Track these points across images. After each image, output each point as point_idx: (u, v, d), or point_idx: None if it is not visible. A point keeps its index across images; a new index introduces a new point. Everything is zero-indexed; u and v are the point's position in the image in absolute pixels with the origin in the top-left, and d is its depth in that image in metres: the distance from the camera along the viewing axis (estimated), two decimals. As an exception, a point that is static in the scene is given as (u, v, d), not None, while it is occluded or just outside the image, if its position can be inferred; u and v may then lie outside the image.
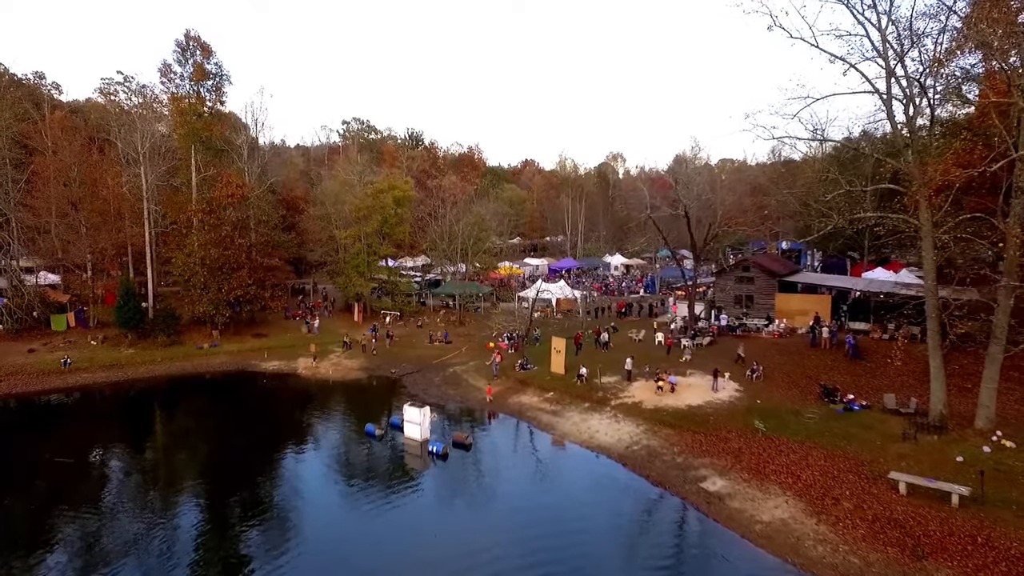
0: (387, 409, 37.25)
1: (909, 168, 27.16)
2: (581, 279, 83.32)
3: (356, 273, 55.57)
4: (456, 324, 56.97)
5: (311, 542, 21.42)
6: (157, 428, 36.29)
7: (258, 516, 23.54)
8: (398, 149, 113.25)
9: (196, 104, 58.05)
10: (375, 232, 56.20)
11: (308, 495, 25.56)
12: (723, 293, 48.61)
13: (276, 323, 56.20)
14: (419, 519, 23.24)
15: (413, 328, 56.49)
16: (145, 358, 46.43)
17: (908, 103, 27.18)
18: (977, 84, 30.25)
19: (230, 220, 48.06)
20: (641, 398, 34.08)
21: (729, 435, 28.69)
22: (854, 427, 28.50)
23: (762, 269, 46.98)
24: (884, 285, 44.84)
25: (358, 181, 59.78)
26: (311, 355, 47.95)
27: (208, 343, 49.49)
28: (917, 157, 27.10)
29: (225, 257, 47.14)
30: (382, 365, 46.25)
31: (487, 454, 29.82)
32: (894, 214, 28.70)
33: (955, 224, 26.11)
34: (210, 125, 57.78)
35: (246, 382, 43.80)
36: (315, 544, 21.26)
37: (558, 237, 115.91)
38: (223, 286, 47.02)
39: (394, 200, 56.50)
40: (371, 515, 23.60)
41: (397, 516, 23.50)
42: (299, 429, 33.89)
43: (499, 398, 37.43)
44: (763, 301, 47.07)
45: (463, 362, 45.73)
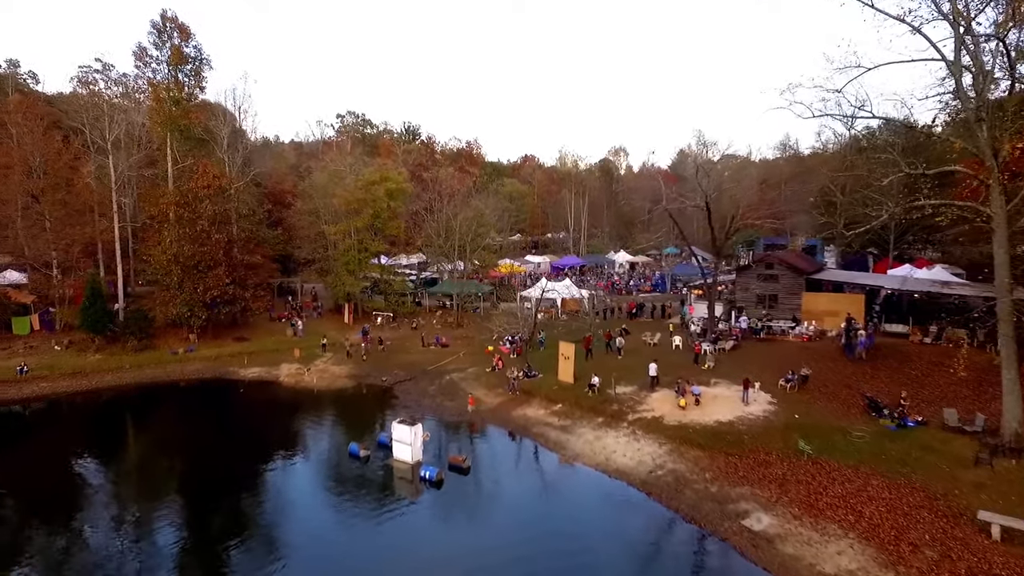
0: (375, 424, 33.31)
1: (980, 148, 23.18)
2: (586, 277, 79.33)
3: (346, 272, 51.57)
4: (454, 326, 53.02)
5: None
6: (111, 445, 32.08)
7: (199, 563, 19.60)
8: (394, 143, 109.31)
9: (174, 90, 53.84)
10: (366, 227, 52.16)
11: (271, 534, 21.59)
12: (744, 292, 44.63)
13: (260, 325, 52.17)
14: (405, 564, 19.29)
15: (407, 330, 52.48)
16: (112, 364, 42.40)
17: (979, 73, 23.22)
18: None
19: (207, 214, 43.95)
20: (662, 412, 30.13)
21: (769, 458, 24.76)
22: (914, 448, 24.57)
23: (787, 266, 43.04)
24: (921, 283, 40.93)
25: (349, 172, 55.65)
26: (295, 361, 44.04)
27: (184, 348, 45.45)
28: (990, 135, 23.13)
29: (201, 254, 43.11)
30: (372, 372, 42.28)
31: (487, 480, 25.88)
32: (961, 202, 24.72)
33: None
34: (188, 112, 53.57)
35: (221, 392, 39.76)
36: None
37: (560, 233, 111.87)
38: (198, 286, 42.98)
39: (387, 193, 52.51)
40: (347, 559, 19.66)
41: (379, 559, 19.56)
42: (272, 448, 29.84)
43: (501, 411, 33.51)
44: (788, 301, 43.11)
45: (461, 368, 41.76)
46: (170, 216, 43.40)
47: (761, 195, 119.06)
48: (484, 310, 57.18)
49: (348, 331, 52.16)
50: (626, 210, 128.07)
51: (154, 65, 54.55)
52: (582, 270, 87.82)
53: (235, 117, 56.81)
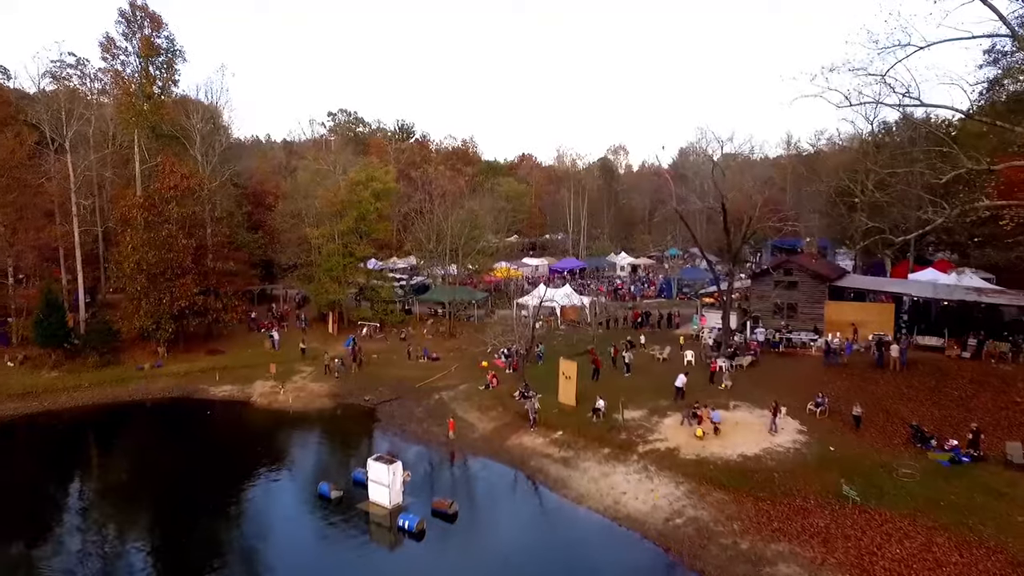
0: (352, 454, 29.64)
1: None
2: (586, 281, 75.65)
3: (329, 278, 47.83)
4: (445, 336, 49.34)
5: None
6: (44, 479, 28.25)
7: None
8: (386, 141, 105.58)
9: (144, 83, 50.09)
10: (351, 231, 48.44)
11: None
12: (760, 301, 40.99)
13: (237, 336, 48.42)
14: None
15: (396, 341, 48.74)
16: (69, 383, 38.62)
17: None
18: None
19: (173, 217, 40.18)
20: (676, 442, 26.49)
21: (807, 504, 21.13)
22: (976, 491, 20.97)
23: (808, 272, 39.39)
24: (954, 291, 37.28)
25: (334, 171, 51.91)
26: (270, 377, 40.34)
27: (151, 363, 41.74)
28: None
29: (167, 261, 39.36)
30: (354, 390, 38.57)
31: (477, 530, 22.23)
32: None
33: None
34: (160, 108, 49.91)
35: (187, 414, 36.02)
36: None
37: (559, 234, 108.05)
38: (164, 296, 39.26)
39: (373, 194, 48.79)
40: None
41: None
42: (231, 486, 26.10)
43: (495, 438, 29.86)
44: (809, 310, 39.46)
45: (452, 386, 38.09)
46: (134, 219, 39.61)
47: (768, 194, 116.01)
48: (478, 318, 53.50)
49: (332, 342, 48.54)
50: (627, 211, 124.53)
51: (123, 57, 51.02)
52: (582, 273, 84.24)
53: (212, 112, 53.04)
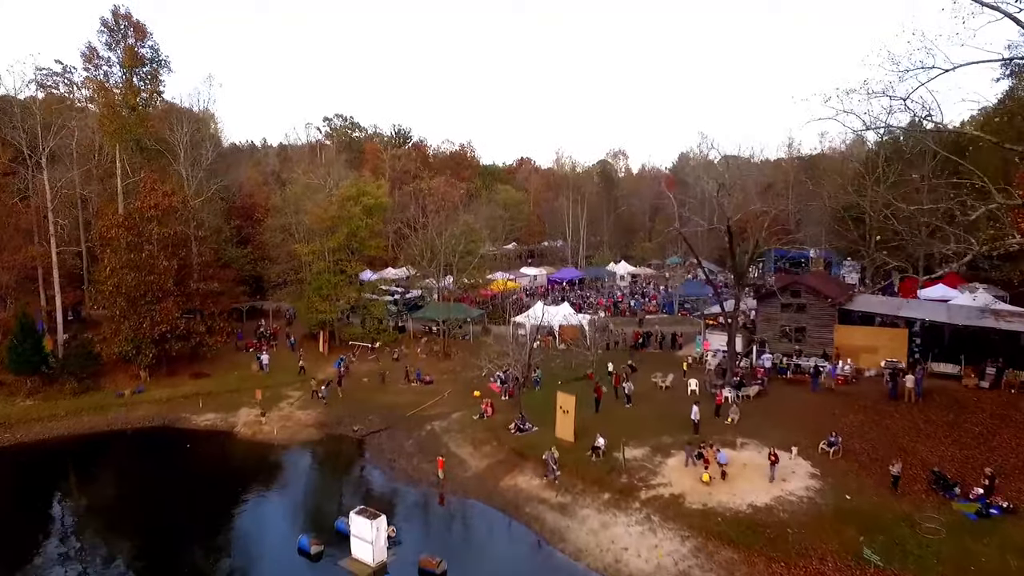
0: (337, 497, 27.98)
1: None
2: (585, 293, 73.94)
3: (319, 296, 46.12)
4: (439, 356, 47.65)
5: None
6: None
7: None
8: (381, 149, 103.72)
9: (127, 95, 48.44)
10: (342, 247, 46.74)
11: None
12: (767, 324, 39.34)
13: (224, 357, 46.56)
14: None
15: (388, 362, 47.00)
16: (45, 412, 36.96)
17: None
18: None
19: (154, 237, 38.47)
20: (681, 487, 24.81)
21: (824, 567, 19.48)
22: (1010, 553, 19.32)
23: (816, 294, 37.74)
24: (970, 315, 35.50)
25: (324, 184, 50.16)
26: (256, 404, 38.64)
27: (132, 388, 40.05)
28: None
29: (147, 283, 37.65)
30: (343, 418, 36.93)
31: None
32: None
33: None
34: (145, 120, 48.27)
35: (165, 446, 34.37)
36: None
37: (557, 242, 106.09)
38: (144, 320, 37.56)
39: (364, 209, 47.08)
40: None
41: None
42: (204, 535, 24.47)
43: (488, 478, 28.19)
44: (818, 334, 37.83)
45: (445, 414, 36.43)
46: (113, 239, 37.91)
47: (769, 201, 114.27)
48: (474, 336, 51.77)
49: (323, 362, 46.86)
50: (626, 216, 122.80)
51: (105, 68, 49.42)
52: (581, 283, 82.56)
53: (199, 123, 51.35)
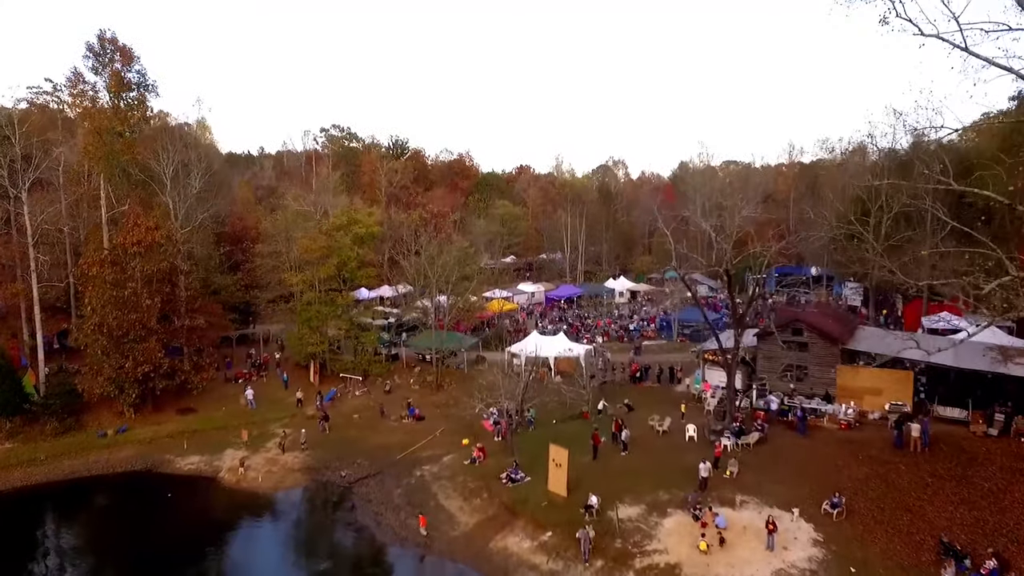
0: (319, 560, 26.88)
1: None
2: (584, 314, 72.75)
3: (308, 328, 45.07)
4: (432, 388, 46.57)
5: None
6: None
7: None
8: (378, 162, 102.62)
9: (114, 120, 47.32)
10: (332, 277, 45.72)
11: None
12: (768, 362, 38.20)
13: (213, 389, 45.41)
14: None
15: (380, 393, 46.07)
16: (24, 456, 35.94)
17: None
18: None
19: (137, 275, 37.43)
20: (678, 556, 23.71)
21: (828, 659, 18.36)
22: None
23: (819, 332, 36.59)
24: (976, 357, 34.20)
25: (315, 211, 49.11)
26: (242, 444, 37.64)
27: (115, 427, 39.01)
28: None
29: (129, 323, 36.65)
30: (331, 461, 35.94)
31: None
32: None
33: None
34: (131, 146, 47.21)
35: (145, 495, 33.32)
36: None
37: (555, 254, 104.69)
38: (126, 360, 36.54)
39: (355, 239, 46.07)
40: None
41: None
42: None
43: (477, 537, 27.12)
44: (820, 374, 36.68)
45: (436, 457, 35.43)
46: (96, 277, 36.88)
47: (769, 213, 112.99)
48: (468, 365, 50.63)
49: (314, 392, 45.75)
50: (626, 226, 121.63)
51: (91, 92, 48.39)
52: (579, 301, 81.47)
53: (186, 149, 50.25)
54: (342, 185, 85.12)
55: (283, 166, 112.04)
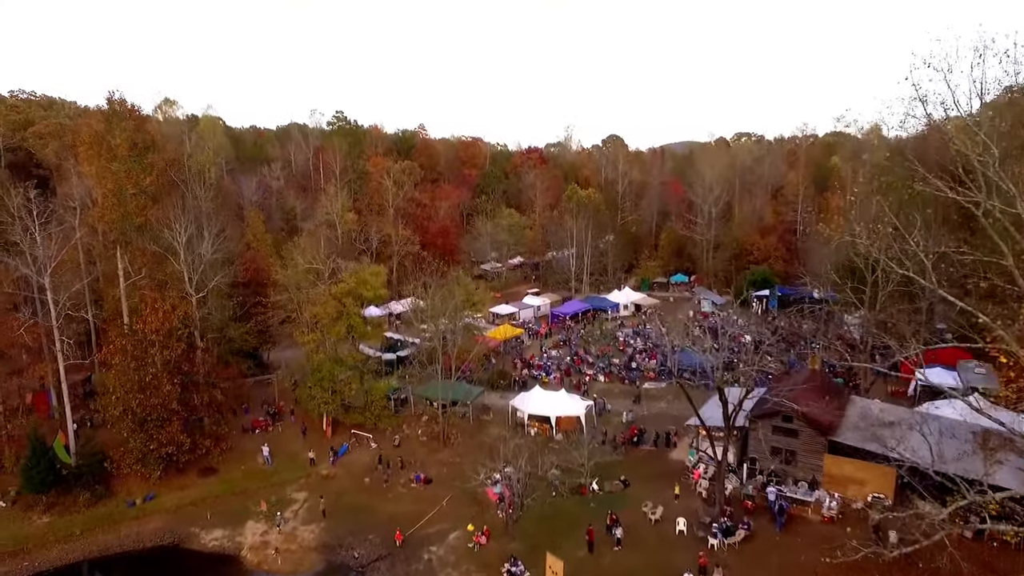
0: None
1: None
2: (588, 339, 74.13)
3: (320, 388, 47.13)
4: (440, 443, 48.78)
5: None
6: None
7: None
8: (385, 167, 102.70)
9: (125, 183, 48.47)
10: (341, 339, 47.51)
11: None
12: (758, 444, 39.93)
13: (231, 443, 47.90)
14: None
15: (389, 447, 48.41)
16: (61, 531, 38.64)
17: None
18: None
19: (157, 360, 39.37)
20: None
21: None
22: None
23: (807, 421, 38.11)
24: (960, 442, 35.65)
25: (324, 268, 50.47)
26: (261, 515, 40.22)
27: (142, 495, 41.61)
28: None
29: (151, 407, 38.79)
30: (345, 537, 38.46)
31: None
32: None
33: None
34: (145, 208, 48.55)
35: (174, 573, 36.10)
36: None
37: (562, 252, 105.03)
38: (150, 442, 38.86)
39: (360, 300, 47.71)
40: None
41: None
42: None
43: (479, 645, 29.59)
44: (808, 460, 38.43)
45: (442, 535, 37.80)
46: (117, 364, 38.92)
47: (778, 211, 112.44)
48: (474, 415, 52.68)
49: (327, 446, 48.20)
50: (632, 227, 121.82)
51: (106, 154, 49.47)
52: (584, 316, 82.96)
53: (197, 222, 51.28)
54: (349, 200, 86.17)
55: (292, 168, 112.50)
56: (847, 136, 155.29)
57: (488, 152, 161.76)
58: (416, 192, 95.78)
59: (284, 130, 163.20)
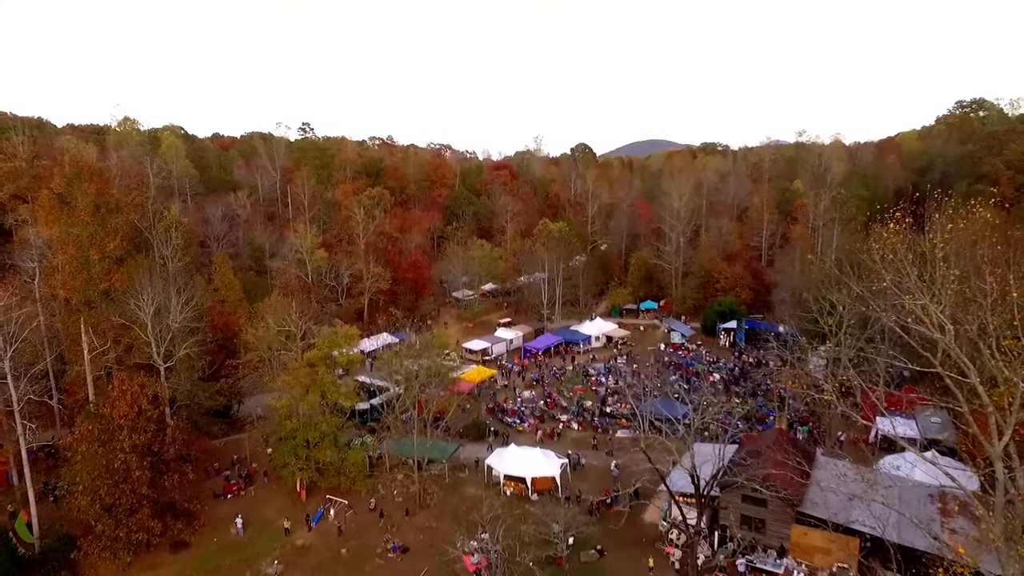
0: None
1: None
2: (559, 374, 75.03)
3: (293, 456, 46.72)
4: (417, 505, 48.74)
5: None
6: None
7: None
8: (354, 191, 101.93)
9: (90, 248, 47.33)
10: (314, 407, 47.14)
11: None
12: (726, 511, 41.08)
13: (203, 509, 47.04)
14: None
15: (365, 511, 48.24)
16: (26, 628, 37.63)
17: None
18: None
19: (127, 445, 38.52)
20: None
21: None
22: None
23: (776, 492, 39.30)
24: (919, 509, 37.26)
25: (297, 331, 50.06)
26: (235, 600, 39.78)
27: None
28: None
29: (119, 493, 37.97)
30: (322, 619, 38.27)
31: None
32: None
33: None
34: (109, 273, 47.41)
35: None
36: None
37: (532, 276, 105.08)
38: (119, 531, 38.04)
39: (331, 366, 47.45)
40: None
41: None
42: None
43: None
44: (776, 529, 39.71)
45: (420, 616, 37.93)
46: (84, 452, 37.99)
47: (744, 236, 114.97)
48: (450, 473, 52.69)
49: (301, 510, 47.82)
50: (604, 247, 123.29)
51: (67, 218, 48.22)
52: (557, 350, 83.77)
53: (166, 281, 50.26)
54: (318, 235, 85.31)
55: (259, 194, 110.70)
56: (809, 150, 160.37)
57: (457, 168, 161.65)
58: (386, 222, 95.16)
59: (249, 143, 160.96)
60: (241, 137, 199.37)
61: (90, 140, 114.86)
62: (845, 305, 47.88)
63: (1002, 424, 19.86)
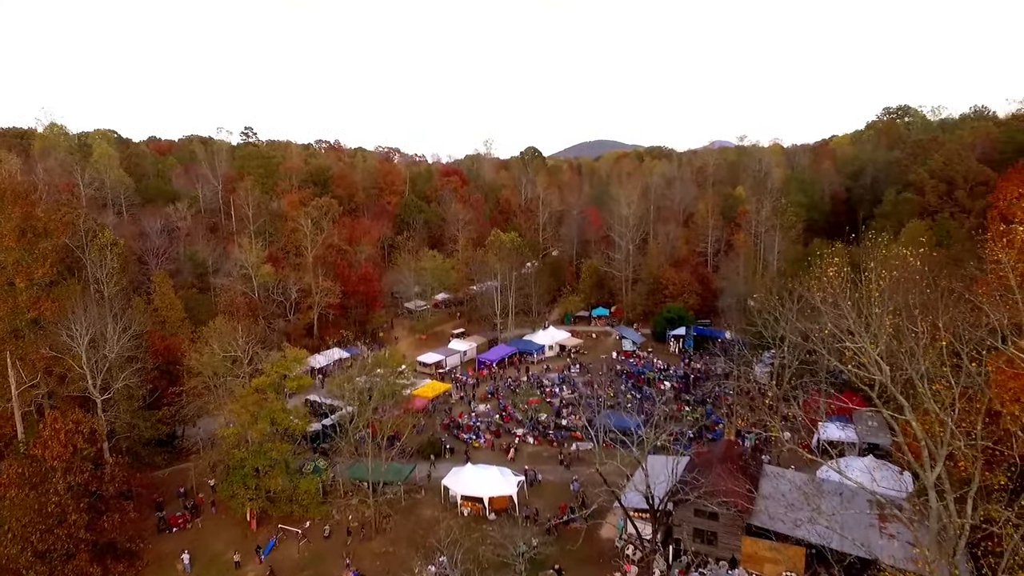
0: None
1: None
2: (514, 386, 75.20)
3: (242, 486, 45.25)
4: (373, 530, 47.91)
5: None
6: None
7: None
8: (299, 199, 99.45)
9: (14, 275, 44.57)
10: (264, 435, 45.77)
11: None
12: (680, 527, 42.04)
13: (147, 546, 44.98)
14: None
15: (319, 539, 47.17)
16: None
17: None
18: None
19: (61, 487, 36.46)
20: None
21: None
22: None
23: (728, 509, 40.47)
24: (862, 517, 38.95)
25: (244, 356, 48.50)
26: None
27: (46, 628, 38.44)
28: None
29: (55, 537, 35.91)
30: (276, 659, 37.19)
31: None
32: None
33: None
34: (37, 301, 44.80)
35: None
36: None
37: (485, 283, 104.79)
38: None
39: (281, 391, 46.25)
40: None
41: None
42: None
43: None
44: (727, 541, 40.86)
45: (378, 648, 37.33)
46: (13, 497, 35.73)
47: (690, 242, 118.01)
48: (405, 496, 52.01)
49: (252, 542, 46.34)
50: (555, 253, 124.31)
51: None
52: (511, 360, 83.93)
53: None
54: (263, 249, 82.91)
55: (200, 205, 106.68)
56: (750, 155, 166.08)
57: (407, 175, 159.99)
58: (335, 234, 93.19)
59: (188, 148, 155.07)
60: (179, 141, 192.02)
61: (12, 147, 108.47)
62: (788, 320, 49.63)
63: (935, 453, 20.97)
